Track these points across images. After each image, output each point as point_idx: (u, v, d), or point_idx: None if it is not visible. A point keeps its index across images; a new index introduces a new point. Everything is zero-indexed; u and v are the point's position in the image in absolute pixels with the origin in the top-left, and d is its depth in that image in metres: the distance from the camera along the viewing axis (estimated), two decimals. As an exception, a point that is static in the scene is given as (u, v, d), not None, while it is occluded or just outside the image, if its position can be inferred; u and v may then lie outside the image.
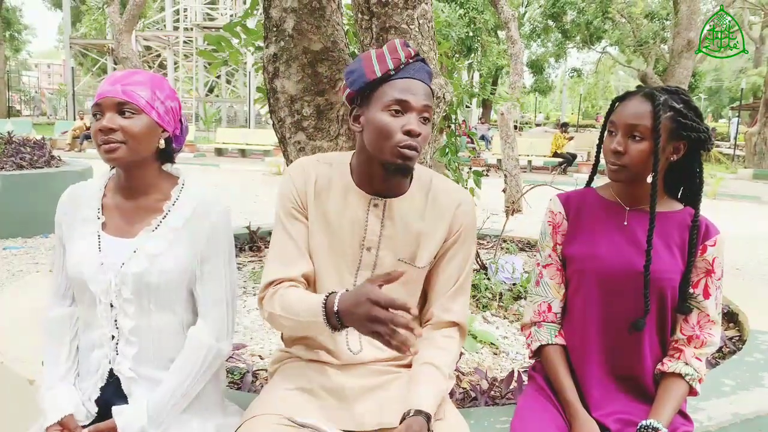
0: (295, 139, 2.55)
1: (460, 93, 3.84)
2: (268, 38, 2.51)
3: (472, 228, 1.61)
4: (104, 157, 1.46)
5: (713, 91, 49.06)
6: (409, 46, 1.49)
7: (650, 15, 23.69)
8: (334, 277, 1.56)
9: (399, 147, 1.40)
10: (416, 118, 1.42)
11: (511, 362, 2.68)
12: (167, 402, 1.47)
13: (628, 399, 1.60)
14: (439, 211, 1.56)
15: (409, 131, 1.40)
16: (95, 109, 1.46)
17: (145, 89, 1.47)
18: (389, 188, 1.53)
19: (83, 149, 17.99)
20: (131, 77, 1.47)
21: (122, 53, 11.26)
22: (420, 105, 1.43)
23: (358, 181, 1.55)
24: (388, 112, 1.42)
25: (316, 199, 1.55)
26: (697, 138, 1.54)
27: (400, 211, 1.54)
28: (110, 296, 1.49)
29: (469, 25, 21.96)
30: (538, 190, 4.13)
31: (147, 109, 1.46)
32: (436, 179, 1.60)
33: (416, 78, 1.45)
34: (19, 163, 6.82)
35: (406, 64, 1.46)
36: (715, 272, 1.58)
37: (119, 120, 1.43)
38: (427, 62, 1.52)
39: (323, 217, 1.55)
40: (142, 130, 1.46)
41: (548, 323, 1.70)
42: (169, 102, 1.53)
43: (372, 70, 1.44)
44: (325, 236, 1.55)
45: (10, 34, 41.05)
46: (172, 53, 29.12)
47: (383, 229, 1.54)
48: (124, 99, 1.44)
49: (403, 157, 1.41)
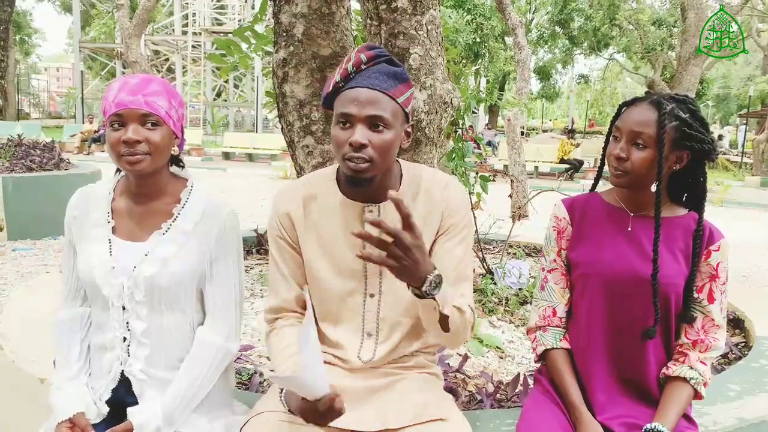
0: (304, 143, 2.57)
1: (467, 98, 3.86)
2: (278, 43, 2.54)
3: (464, 216, 1.56)
4: (127, 168, 1.46)
5: (721, 99, 48.88)
6: (370, 50, 1.44)
7: (658, 22, 23.67)
8: (344, 293, 1.56)
9: (345, 159, 1.40)
10: (362, 129, 1.38)
11: (516, 366, 2.69)
12: (179, 402, 1.49)
13: (632, 403, 1.61)
14: (431, 203, 1.55)
15: (351, 143, 1.38)
16: (114, 119, 1.44)
17: (164, 99, 1.48)
18: (377, 193, 1.51)
19: (92, 152, 18.09)
20: (149, 87, 1.47)
21: (131, 57, 11.35)
22: (363, 115, 1.38)
23: (347, 191, 1.54)
24: (338, 125, 1.42)
25: (306, 223, 1.56)
26: (700, 149, 1.54)
27: (395, 211, 1.53)
28: (122, 299, 1.51)
29: (476, 31, 22.01)
30: (545, 196, 4.14)
31: (167, 119, 1.48)
32: (425, 172, 1.59)
33: (363, 86, 1.40)
34: (28, 165, 6.87)
35: (356, 72, 1.42)
36: (720, 277, 1.58)
37: (143, 132, 1.44)
38: (393, 62, 1.47)
39: (319, 239, 1.55)
40: (164, 141, 1.48)
41: (553, 327, 1.71)
42: (181, 109, 1.55)
43: (329, 84, 1.45)
44: (326, 255, 1.55)
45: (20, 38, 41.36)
46: (181, 57, 29.28)
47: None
48: (147, 111, 1.44)
49: (350, 169, 1.40)
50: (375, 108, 1.39)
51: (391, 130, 1.41)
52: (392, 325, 1.57)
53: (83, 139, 18.53)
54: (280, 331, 1.57)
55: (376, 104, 1.39)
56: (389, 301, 1.56)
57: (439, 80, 2.48)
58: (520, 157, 8.48)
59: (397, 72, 1.45)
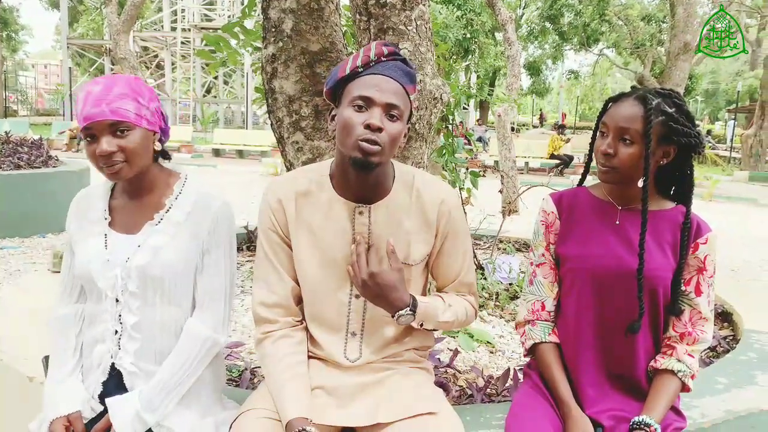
0: (293, 139, 2.56)
1: (458, 94, 3.86)
2: (267, 39, 2.52)
3: (460, 222, 1.62)
4: (110, 178, 1.48)
5: (710, 94, 49.16)
6: (389, 46, 1.48)
7: (647, 17, 23.74)
8: (327, 291, 1.57)
9: (359, 140, 1.39)
10: (380, 114, 1.41)
11: (507, 361, 2.70)
12: (160, 389, 1.49)
13: (621, 396, 1.62)
14: (423, 207, 1.57)
15: (369, 125, 1.39)
16: (86, 133, 1.45)
17: (130, 101, 1.46)
18: (370, 193, 1.53)
19: (80, 149, 17.96)
20: (112, 91, 1.45)
21: (120, 54, 11.27)
22: (384, 101, 1.41)
23: (339, 189, 1.55)
24: (352, 107, 1.42)
25: (297, 217, 1.56)
26: (687, 143, 1.55)
27: (386, 213, 1.54)
28: (116, 291, 1.52)
29: (466, 26, 22.00)
30: (535, 191, 4.15)
31: (137, 121, 1.47)
32: (419, 176, 1.60)
33: (385, 74, 1.44)
34: (16, 163, 6.82)
35: (376, 61, 1.45)
36: (707, 270, 1.60)
37: (115, 141, 1.44)
38: (408, 63, 1.51)
39: (310, 234, 1.56)
40: (140, 144, 1.48)
41: (542, 321, 1.72)
42: (153, 104, 1.53)
43: (344, 69, 1.46)
44: (315, 252, 1.56)
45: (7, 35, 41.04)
46: (170, 54, 29.09)
47: (371, 235, 1.54)
48: (114, 119, 1.43)
49: (362, 151, 1.39)
50: (395, 97, 1.43)
51: (401, 122, 1.45)
52: (379, 325, 1.59)
53: (72, 137, 18.39)
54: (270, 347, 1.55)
55: (396, 94, 1.44)
56: None
57: (428, 75, 2.48)
58: (511, 153, 8.51)
59: (411, 73, 1.50)
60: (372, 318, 1.58)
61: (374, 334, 1.59)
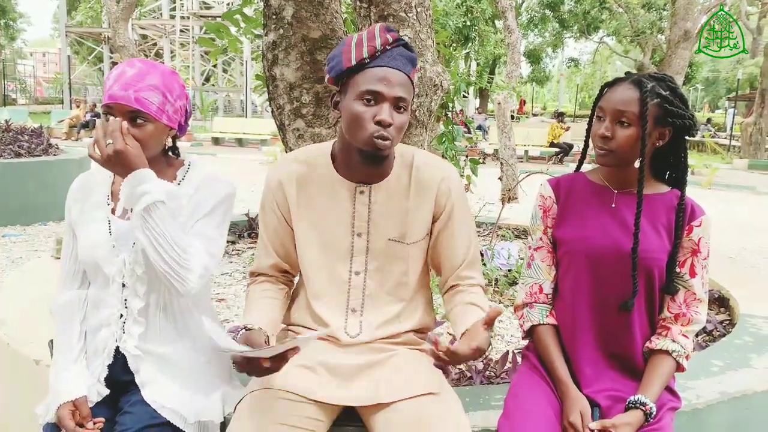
0: (294, 126, 2.58)
1: (458, 82, 3.87)
2: (267, 26, 2.54)
3: (461, 200, 1.64)
4: None
5: (710, 82, 49.02)
6: (391, 31, 1.48)
7: (647, 5, 23.64)
8: (328, 268, 1.61)
9: (373, 137, 1.43)
10: (389, 108, 1.43)
11: (506, 345, 2.74)
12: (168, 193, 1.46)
13: (618, 376, 1.65)
14: (423, 186, 1.60)
15: (380, 121, 1.42)
16: (106, 110, 1.46)
17: (157, 94, 1.47)
18: (372, 173, 1.57)
19: (80, 138, 17.95)
20: (144, 80, 1.46)
21: (119, 42, 11.24)
22: (393, 95, 1.43)
23: (341, 170, 1.58)
24: (361, 101, 1.43)
25: (299, 197, 1.59)
26: (681, 124, 1.58)
27: (386, 193, 1.58)
28: (123, 276, 1.54)
29: (466, 14, 21.92)
30: (534, 179, 4.17)
31: (158, 115, 1.48)
32: (419, 155, 1.63)
33: (391, 66, 1.44)
34: (17, 151, 6.84)
35: (382, 51, 1.46)
36: (701, 252, 1.62)
37: (130, 129, 1.44)
38: (409, 47, 1.52)
39: (311, 213, 1.60)
40: (153, 138, 1.49)
41: (540, 304, 1.74)
42: (179, 102, 1.55)
43: (348, 58, 1.46)
44: (316, 231, 1.60)
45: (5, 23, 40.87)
46: (169, 42, 28.98)
47: (371, 214, 1.58)
48: (136, 108, 1.44)
49: (375, 147, 1.44)
50: (403, 90, 1.45)
51: (407, 112, 1.48)
52: (378, 303, 1.62)
53: (71, 125, 18.36)
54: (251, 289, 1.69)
55: (404, 87, 1.46)
56: (376, 279, 1.62)
57: (428, 62, 2.50)
58: (510, 141, 8.51)
59: (412, 57, 1.51)
60: (371, 295, 1.62)
61: (374, 311, 1.62)
